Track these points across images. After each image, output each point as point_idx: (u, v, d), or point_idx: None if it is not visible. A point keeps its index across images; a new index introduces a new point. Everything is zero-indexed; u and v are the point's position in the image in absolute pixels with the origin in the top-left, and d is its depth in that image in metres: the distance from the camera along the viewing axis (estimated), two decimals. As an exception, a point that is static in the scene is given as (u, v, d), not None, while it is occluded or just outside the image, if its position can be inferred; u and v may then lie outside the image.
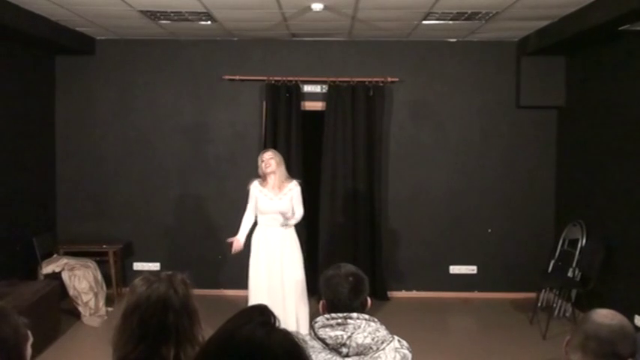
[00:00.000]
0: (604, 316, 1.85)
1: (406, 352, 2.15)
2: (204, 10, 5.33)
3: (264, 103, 6.77)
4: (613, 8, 4.58)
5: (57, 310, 5.52)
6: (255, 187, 5.01)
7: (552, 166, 6.92)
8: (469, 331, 6.21)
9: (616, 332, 1.80)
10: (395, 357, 2.10)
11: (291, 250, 4.97)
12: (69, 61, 6.81)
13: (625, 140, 5.43)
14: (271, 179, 4.96)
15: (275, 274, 4.89)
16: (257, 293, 4.88)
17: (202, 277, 6.57)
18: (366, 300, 2.23)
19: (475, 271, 6.99)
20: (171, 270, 1.98)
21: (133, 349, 1.78)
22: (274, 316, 1.18)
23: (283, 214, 4.90)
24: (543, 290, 6.40)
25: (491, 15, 5.43)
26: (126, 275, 6.82)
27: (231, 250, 5.07)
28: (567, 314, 6.08)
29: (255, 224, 5.08)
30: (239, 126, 6.88)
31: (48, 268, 5.93)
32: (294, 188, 4.99)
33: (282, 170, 4.99)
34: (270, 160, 4.93)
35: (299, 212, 5.02)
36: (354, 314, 2.13)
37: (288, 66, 6.76)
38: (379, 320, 2.17)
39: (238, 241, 5.03)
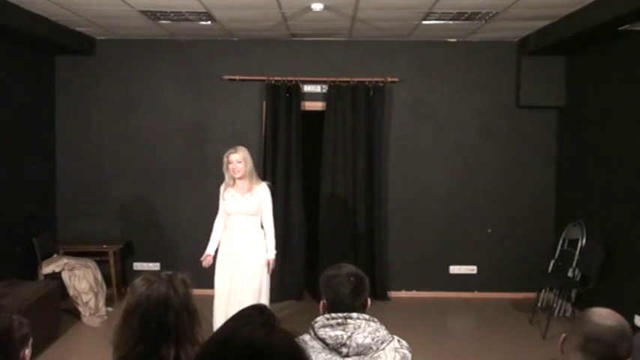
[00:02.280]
0: (604, 317, 1.83)
1: (406, 352, 2.15)
2: (204, 10, 5.33)
3: (264, 103, 6.77)
4: (613, 8, 4.58)
5: (57, 310, 5.52)
6: (222, 187, 4.86)
7: (552, 166, 6.92)
8: (469, 331, 6.21)
9: (617, 334, 1.80)
10: (395, 357, 2.10)
11: (254, 256, 4.77)
12: (69, 61, 6.81)
13: (625, 140, 5.43)
14: (241, 182, 4.74)
15: (236, 280, 4.75)
16: (220, 296, 4.77)
17: (202, 277, 6.56)
18: (367, 300, 2.23)
19: (475, 271, 6.99)
20: (171, 270, 1.98)
21: (133, 349, 1.78)
22: (274, 317, 1.18)
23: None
24: (543, 290, 6.41)
25: (491, 15, 5.43)
26: (126, 275, 6.83)
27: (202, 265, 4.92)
28: (567, 314, 6.08)
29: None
30: (239, 126, 6.88)
31: (48, 268, 5.93)
32: (262, 190, 4.77)
33: (250, 172, 4.74)
34: (238, 165, 4.66)
35: (269, 219, 4.80)
36: (354, 314, 2.13)
37: (288, 66, 6.76)
38: (379, 320, 2.17)
39: (208, 257, 4.87)
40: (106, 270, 6.40)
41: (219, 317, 4.61)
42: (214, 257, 4.89)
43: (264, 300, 4.79)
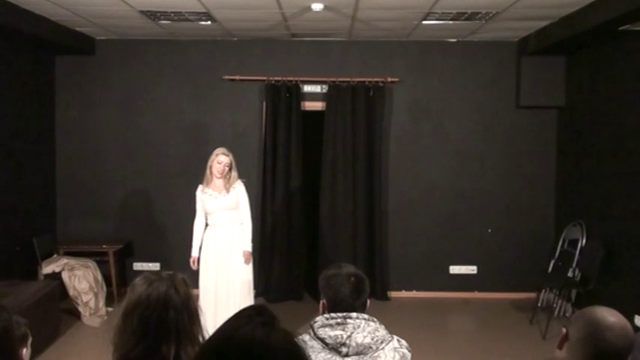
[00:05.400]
0: (621, 336, 1.81)
1: (405, 351, 2.15)
2: (204, 10, 5.33)
3: (264, 103, 6.77)
4: (613, 8, 4.58)
5: (57, 310, 5.52)
6: (199, 190, 4.98)
7: (552, 166, 6.92)
8: (469, 331, 6.21)
9: (631, 347, 1.81)
10: (394, 356, 2.10)
11: (239, 249, 4.92)
12: (69, 61, 6.81)
13: (625, 140, 5.43)
14: (219, 181, 4.90)
15: (222, 273, 4.87)
16: (206, 293, 4.84)
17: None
18: (367, 300, 2.23)
19: (475, 271, 6.99)
20: (171, 270, 1.98)
21: (133, 348, 1.77)
22: (274, 317, 1.18)
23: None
24: (543, 290, 6.41)
25: (491, 15, 5.43)
26: (126, 275, 6.83)
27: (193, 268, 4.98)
28: (567, 314, 6.08)
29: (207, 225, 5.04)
30: (239, 126, 6.89)
31: (48, 268, 5.93)
32: (238, 187, 4.94)
33: (233, 174, 4.91)
34: (226, 167, 4.86)
35: (247, 214, 4.97)
36: (354, 314, 2.13)
37: (288, 66, 6.76)
38: (379, 320, 2.17)
39: (194, 259, 4.95)
40: (106, 270, 6.40)
41: (209, 315, 4.63)
42: (199, 257, 4.99)
43: (251, 293, 4.99)
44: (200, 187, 4.99)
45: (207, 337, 1.36)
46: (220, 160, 4.86)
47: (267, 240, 6.66)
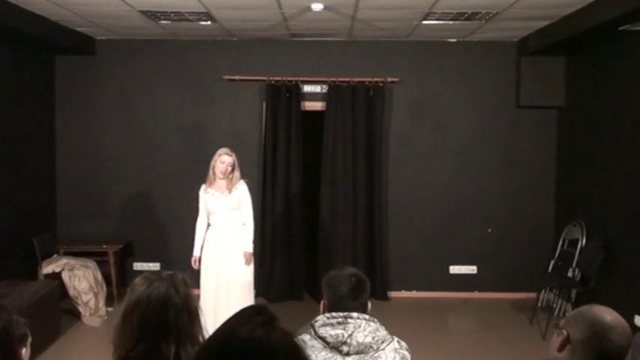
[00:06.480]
0: (624, 335, 1.80)
1: (405, 352, 2.15)
2: (204, 10, 5.33)
3: (264, 103, 6.77)
4: (613, 8, 4.58)
5: (57, 310, 5.52)
6: (202, 190, 4.99)
7: (552, 166, 6.92)
8: (469, 331, 6.21)
9: (629, 345, 1.81)
10: (395, 357, 2.10)
11: (239, 249, 4.91)
12: (69, 61, 6.81)
13: (625, 140, 5.43)
14: (221, 181, 4.90)
15: (222, 273, 4.87)
16: (206, 292, 4.84)
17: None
18: (367, 302, 2.23)
19: (475, 271, 6.99)
20: (171, 270, 1.98)
21: (134, 348, 1.77)
22: (274, 316, 1.18)
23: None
24: (543, 290, 6.41)
25: (491, 15, 5.43)
26: (126, 275, 6.83)
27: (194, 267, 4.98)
28: (567, 314, 6.07)
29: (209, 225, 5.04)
30: (239, 126, 6.89)
31: (48, 268, 5.93)
32: (241, 187, 4.94)
33: (235, 174, 4.91)
34: (228, 167, 4.87)
35: (249, 214, 4.97)
36: (355, 314, 2.13)
37: (288, 66, 6.76)
38: (379, 320, 2.17)
39: (195, 259, 4.95)
40: (106, 270, 6.39)
41: (209, 315, 4.63)
42: (200, 257, 4.99)
43: (251, 293, 4.98)
44: (203, 187, 4.99)
45: (207, 337, 1.36)
46: (223, 160, 4.86)
47: (267, 240, 6.66)
